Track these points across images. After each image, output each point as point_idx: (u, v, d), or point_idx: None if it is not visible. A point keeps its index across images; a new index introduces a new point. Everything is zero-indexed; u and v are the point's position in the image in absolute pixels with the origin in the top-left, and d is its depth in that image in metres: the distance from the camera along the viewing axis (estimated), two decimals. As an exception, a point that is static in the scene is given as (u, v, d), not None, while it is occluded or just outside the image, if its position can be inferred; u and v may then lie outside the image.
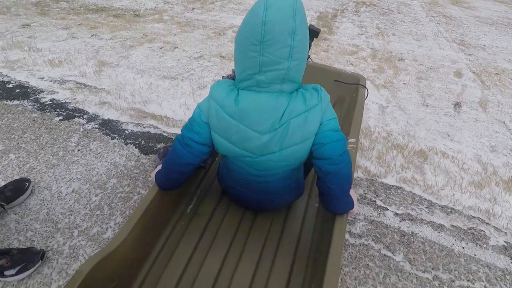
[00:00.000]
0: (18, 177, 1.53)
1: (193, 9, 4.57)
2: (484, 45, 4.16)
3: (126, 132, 1.93)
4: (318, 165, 0.89)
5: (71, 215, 1.38)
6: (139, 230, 0.92)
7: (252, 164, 0.94)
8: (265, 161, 0.91)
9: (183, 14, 4.32)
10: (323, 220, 1.15)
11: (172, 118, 2.08)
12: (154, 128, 1.99)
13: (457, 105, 2.52)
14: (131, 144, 1.83)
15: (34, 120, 1.96)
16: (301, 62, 0.77)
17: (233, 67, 1.04)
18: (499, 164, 1.90)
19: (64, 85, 2.36)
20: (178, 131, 1.96)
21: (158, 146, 1.82)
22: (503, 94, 2.81)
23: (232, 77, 1.36)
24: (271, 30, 0.69)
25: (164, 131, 1.96)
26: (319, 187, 0.94)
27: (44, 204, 1.43)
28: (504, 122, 2.36)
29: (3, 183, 1.52)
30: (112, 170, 1.63)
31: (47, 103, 2.14)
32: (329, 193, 0.91)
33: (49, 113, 2.03)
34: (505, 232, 1.45)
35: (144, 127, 2.00)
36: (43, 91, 2.26)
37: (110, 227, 1.34)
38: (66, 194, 1.48)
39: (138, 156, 1.75)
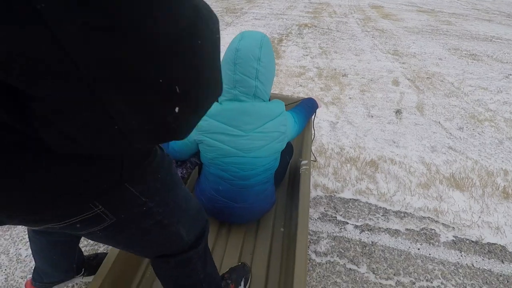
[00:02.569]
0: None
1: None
2: (414, 52, 4.65)
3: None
4: None
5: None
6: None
7: (241, 164, 1.11)
8: (252, 159, 1.10)
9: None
10: (290, 227, 1.34)
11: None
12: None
13: (398, 112, 2.77)
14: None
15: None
16: (266, 84, 1.03)
17: None
18: (440, 163, 2.10)
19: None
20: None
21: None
22: (435, 96, 3.14)
23: None
24: (242, 55, 0.95)
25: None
26: None
27: (2, 270, 1.31)
28: (439, 122, 2.63)
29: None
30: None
31: None
32: None
33: None
34: (453, 227, 1.59)
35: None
36: None
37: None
38: (26, 256, 1.39)
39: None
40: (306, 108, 1.39)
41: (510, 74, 3.87)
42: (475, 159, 2.14)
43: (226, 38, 5.07)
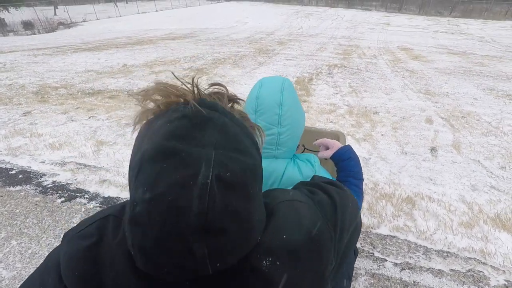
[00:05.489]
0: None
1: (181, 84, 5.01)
2: (447, 92, 4.63)
3: (126, 207, 1.99)
4: None
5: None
6: None
7: None
8: None
9: (173, 89, 4.73)
10: None
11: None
12: (153, 201, 2.06)
13: (433, 149, 2.73)
14: (131, 219, 1.88)
15: (36, 204, 2.00)
16: (291, 129, 0.92)
17: None
18: (483, 202, 2.01)
19: (65, 167, 2.46)
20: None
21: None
22: (472, 135, 3.07)
23: None
24: (262, 102, 0.90)
25: (163, 203, 2.03)
26: None
27: None
28: (479, 161, 2.55)
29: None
30: (113, 249, 1.65)
31: (49, 186, 2.21)
32: None
33: (51, 196, 2.09)
34: (503, 271, 1.49)
35: (143, 201, 2.07)
36: (44, 175, 2.35)
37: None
38: None
39: (139, 231, 1.79)
40: (358, 187, 0.98)
41: (555, 115, 3.70)
42: (522, 201, 2.03)
43: (259, 76, 5.41)
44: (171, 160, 0.34)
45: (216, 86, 0.47)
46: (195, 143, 0.35)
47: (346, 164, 1.02)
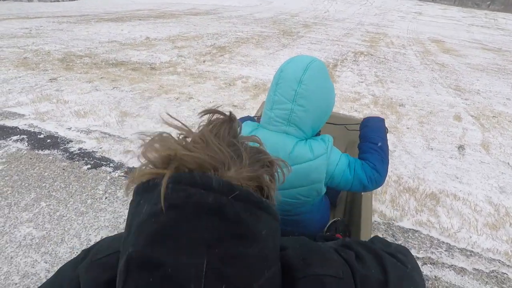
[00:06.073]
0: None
1: (204, 61, 4.97)
2: (478, 89, 4.42)
3: (149, 179, 2.03)
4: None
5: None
6: None
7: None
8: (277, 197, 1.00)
9: (195, 66, 4.69)
10: None
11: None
12: (175, 174, 2.10)
13: (461, 147, 2.64)
14: (154, 190, 1.93)
15: (63, 169, 2.08)
16: (307, 112, 0.89)
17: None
18: (511, 205, 1.95)
19: (90, 135, 2.52)
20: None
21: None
22: (503, 136, 2.94)
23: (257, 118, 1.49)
24: (284, 76, 0.89)
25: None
26: None
27: (73, 253, 1.48)
28: (508, 163, 2.45)
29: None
30: (138, 217, 1.70)
31: (76, 152, 2.28)
32: None
33: (77, 162, 2.16)
34: (527, 276, 1.46)
35: (165, 174, 2.10)
36: (71, 141, 2.42)
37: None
38: (94, 241, 1.53)
39: (161, 202, 1.83)
40: (375, 150, 1.02)
41: None
42: (553, 207, 1.95)
43: (282, 58, 5.29)
44: (157, 274, 0.28)
45: (216, 115, 0.38)
46: (184, 249, 0.29)
47: (363, 132, 1.09)
